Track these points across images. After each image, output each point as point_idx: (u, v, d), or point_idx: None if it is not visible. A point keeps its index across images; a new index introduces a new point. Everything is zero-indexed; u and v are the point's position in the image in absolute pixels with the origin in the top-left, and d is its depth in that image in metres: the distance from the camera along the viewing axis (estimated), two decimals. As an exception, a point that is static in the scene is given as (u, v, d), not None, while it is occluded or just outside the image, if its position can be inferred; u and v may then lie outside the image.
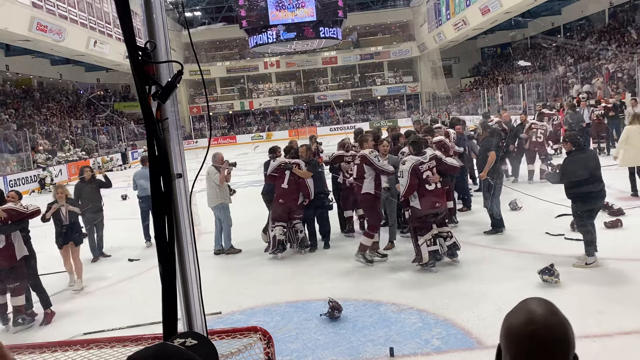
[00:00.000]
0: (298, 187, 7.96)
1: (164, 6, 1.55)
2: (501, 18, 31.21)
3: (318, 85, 48.36)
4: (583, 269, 6.19)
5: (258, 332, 2.24)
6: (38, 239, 6.87)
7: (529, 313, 1.16)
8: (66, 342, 2.50)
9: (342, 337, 5.02)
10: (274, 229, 8.00)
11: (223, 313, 5.84)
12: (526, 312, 1.16)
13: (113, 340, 2.37)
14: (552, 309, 1.17)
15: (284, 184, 7.94)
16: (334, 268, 7.27)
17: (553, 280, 5.72)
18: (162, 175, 1.46)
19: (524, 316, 1.16)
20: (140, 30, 1.61)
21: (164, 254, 1.46)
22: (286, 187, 7.93)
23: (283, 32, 34.34)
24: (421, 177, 6.59)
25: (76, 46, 26.22)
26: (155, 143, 1.44)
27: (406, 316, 5.37)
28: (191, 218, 1.58)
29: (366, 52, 46.36)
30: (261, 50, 39.06)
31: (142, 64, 1.42)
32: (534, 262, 6.32)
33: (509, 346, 1.16)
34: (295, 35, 34.83)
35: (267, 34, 34.63)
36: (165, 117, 1.50)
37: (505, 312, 1.22)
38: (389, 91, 47.21)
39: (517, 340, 1.14)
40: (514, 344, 1.15)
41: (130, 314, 6.03)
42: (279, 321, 5.54)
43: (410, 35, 46.27)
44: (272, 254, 8.02)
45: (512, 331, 1.16)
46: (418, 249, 6.68)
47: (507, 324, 1.19)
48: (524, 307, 1.19)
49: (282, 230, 7.96)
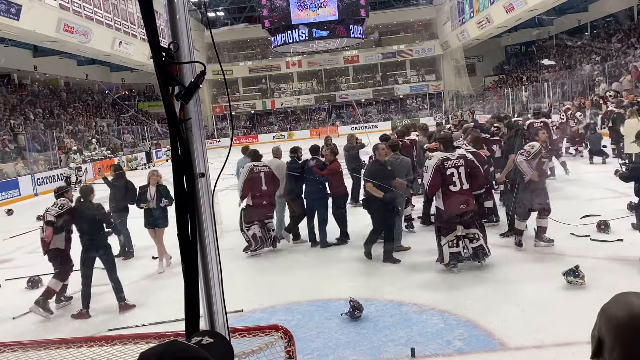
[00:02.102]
0: (274, 188, 8.27)
1: (187, 7, 1.56)
2: (526, 16, 30.76)
3: (339, 84, 48.30)
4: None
5: (279, 330, 2.25)
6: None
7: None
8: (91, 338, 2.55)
9: (363, 336, 5.01)
10: (250, 228, 8.20)
11: (245, 311, 5.87)
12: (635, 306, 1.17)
13: (136, 337, 2.40)
14: None
15: (264, 186, 8.13)
16: (356, 268, 7.27)
17: (578, 282, 5.62)
18: (185, 175, 1.48)
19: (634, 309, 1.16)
20: (164, 30, 1.63)
21: (187, 253, 1.47)
22: (265, 188, 8.14)
23: (315, 30, 34.34)
24: (445, 175, 6.48)
25: (102, 47, 26.66)
26: (179, 143, 1.46)
27: (428, 317, 5.34)
28: (213, 217, 1.59)
29: (388, 50, 46.14)
30: (284, 50, 39.14)
31: (165, 65, 1.43)
32: (558, 264, 6.22)
33: (619, 340, 1.15)
34: (328, 33, 34.84)
35: (298, 31, 34.58)
36: (189, 117, 1.51)
37: (529, 314, 1.21)
38: (411, 90, 46.94)
39: (631, 332, 1.14)
40: (625, 336, 1.15)
41: (155, 311, 6.12)
42: (300, 320, 5.56)
43: (433, 33, 45.91)
44: (253, 252, 8.23)
45: (622, 326, 1.15)
46: (440, 249, 6.62)
47: (614, 318, 1.18)
48: (624, 299, 1.20)
49: (259, 229, 8.22)
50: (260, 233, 8.23)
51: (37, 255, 9.84)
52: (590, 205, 9.10)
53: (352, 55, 46.11)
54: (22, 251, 10.29)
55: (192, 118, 1.53)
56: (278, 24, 35.08)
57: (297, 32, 34.51)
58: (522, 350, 4.50)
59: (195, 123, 1.54)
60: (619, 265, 6.26)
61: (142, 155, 31.48)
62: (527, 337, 4.64)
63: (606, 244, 7.02)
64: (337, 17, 34.71)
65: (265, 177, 8.14)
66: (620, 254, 6.60)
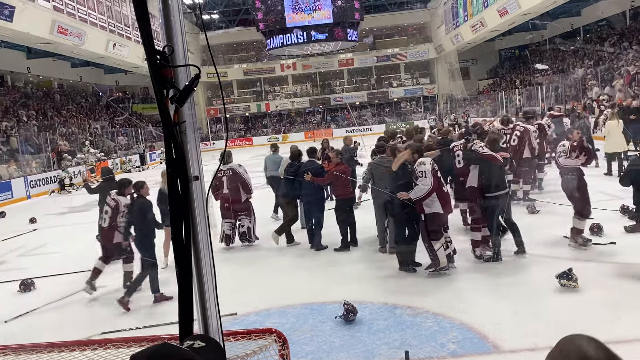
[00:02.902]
0: (238, 188, 8.71)
1: (182, 10, 1.57)
2: (519, 20, 30.93)
3: (334, 87, 48.38)
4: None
5: (273, 334, 2.24)
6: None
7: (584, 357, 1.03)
8: (84, 341, 2.53)
9: (357, 339, 5.01)
10: (224, 224, 8.89)
11: (238, 314, 5.86)
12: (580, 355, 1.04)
13: (130, 340, 2.39)
14: (609, 353, 1.04)
15: (225, 189, 8.65)
16: (350, 271, 7.27)
17: (571, 284, 5.65)
18: (179, 178, 1.48)
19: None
20: (158, 33, 1.63)
21: (181, 255, 1.47)
22: (226, 191, 8.64)
23: (315, 32, 34.42)
24: (437, 178, 6.55)
25: (96, 49, 26.59)
26: (173, 145, 1.46)
27: (422, 320, 5.34)
28: (207, 220, 1.59)
29: (383, 54, 46.27)
30: (279, 53, 39.17)
31: (160, 68, 1.43)
32: (552, 267, 6.25)
33: None
34: (327, 36, 34.94)
35: (296, 34, 34.64)
36: (183, 120, 1.51)
37: (523, 317, 1.20)
38: (406, 93, 47.06)
39: None
40: None
41: (147, 314, 6.09)
42: (294, 323, 5.55)
43: (427, 37, 46.09)
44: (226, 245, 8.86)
45: None
46: (434, 254, 6.57)
47: None
48: (574, 349, 1.06)
49: (229, 226, 8.90)
50: (229, 231, 8.89)
51: (29, 258, 9.83)
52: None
53: (346, 58, 46.18)
54: (15, 254, 10.25)
55: (187, 121, 1.53)
56: (272, 27, 35.12)
57: (295, 34, 34.55)
58: (516, 353, 4.51)
59: (189, 126, 1.54)
60: (612, 268, 6.29)
61: (136, 157, 31.41)
62: (521, 340, 4.65)
63: (599, 247, 7.06)
64: (332, 20, 34.79)
65: (227, 180, 8.63)
66: (613, 256, 6.63)
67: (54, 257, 9.53)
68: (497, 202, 6.77)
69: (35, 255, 10.07)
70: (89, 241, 8.91)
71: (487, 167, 6.87)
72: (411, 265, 6.94)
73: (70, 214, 15.06)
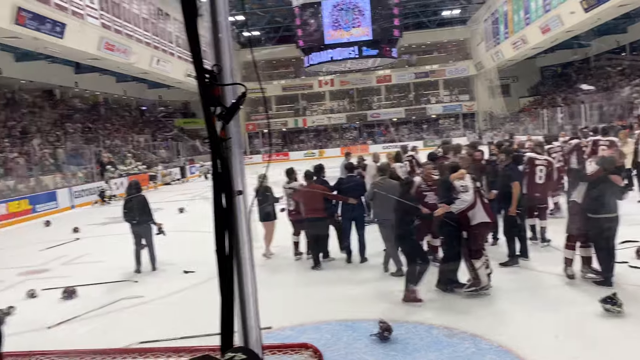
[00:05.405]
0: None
1: (229, 29, 1.62)
2: (562, 37, 30.37)
3: (371, 103, 48.43)
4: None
5: (309, 349, 2.25)
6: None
7: None
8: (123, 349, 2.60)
9: (392, 358, 4.95)
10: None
11: (273, 328, 5.87)
12: None
13: (169, 350, 2.43)
14: None
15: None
16: (386, 289, 7.20)
17: (616, 310, 5.45)
18: (224, 192, 1.52)
19: None
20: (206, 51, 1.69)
21: (224, 268, 1.51)
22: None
23: (365, 48, 34.74)
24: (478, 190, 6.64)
25: (140, 64, 27.45)
26: (219, 161, 1.50)
27: (459, 341, 5.24)
28: (250, 234, 1.63)
29: (421, 70, 46.14)
30: (317, 69, 39.54)
31: (208, 87, 1.49)
32: (596, 290, 6.05)
33: None
34: (377, 52, 35.21)
35: (347, 50, 34.99)
36: (229, 137, 1.56)
37: (564, 342, 1.18)
38: (444, 110, 46.73)
39: None
40: None
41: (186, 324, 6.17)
42: (328, 339, 5.53)
43: (467, 54, 45.75)
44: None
45: None
46: (475, 273, 6.42)
47: None
48: None
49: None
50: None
51: (71, 266, 10.11)
52: (629, 230, 8.82)
53: (384, 74, 46.24)
54: (58, 262, 10.55)
55: (232, 138, 1.58)
56: (312, 44, 35.52)
57: (347, 50, 34.86)
58: (556, 379, 4.38)
59: (234, 142, 1.59)
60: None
61: (177, 170, 32.07)
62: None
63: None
64: (371, 37, 34.95)
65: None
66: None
67: (95, 266, 9.78)
68: (609, 224, 6.38)
69: (77, 263, 10.36)
70: (129, 251, 9.11)
71: (604, 188, 6.42)
72: (451, 286, 6.73)
73: (111, 224, 15.44)
